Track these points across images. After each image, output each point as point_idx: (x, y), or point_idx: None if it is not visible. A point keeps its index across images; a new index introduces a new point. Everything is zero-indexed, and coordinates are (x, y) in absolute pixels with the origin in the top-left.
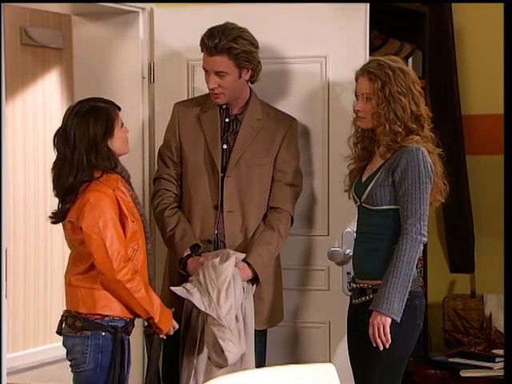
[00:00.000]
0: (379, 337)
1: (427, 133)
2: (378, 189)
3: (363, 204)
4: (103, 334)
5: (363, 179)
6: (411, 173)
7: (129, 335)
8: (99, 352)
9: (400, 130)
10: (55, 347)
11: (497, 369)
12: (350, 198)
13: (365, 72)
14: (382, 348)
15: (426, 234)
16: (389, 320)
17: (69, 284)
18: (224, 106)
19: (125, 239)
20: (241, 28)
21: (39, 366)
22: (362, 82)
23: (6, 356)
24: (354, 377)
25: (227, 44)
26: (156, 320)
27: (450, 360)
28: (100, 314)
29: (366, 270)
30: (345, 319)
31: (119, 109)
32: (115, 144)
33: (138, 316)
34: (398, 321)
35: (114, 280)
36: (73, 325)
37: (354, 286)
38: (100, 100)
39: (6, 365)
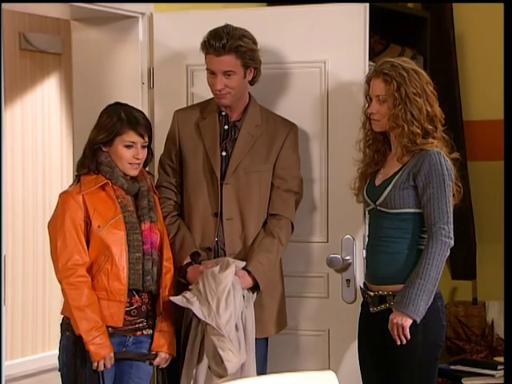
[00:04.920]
0: (398, 334)
1: (440, 134)
2: (398, 192)
3: (378, 207)
4: (67, 334)
5: (377, 183)
6: (436, 177)
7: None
8: (64, 352)
9: (418, 131)
10: (54, 354)
11: (499, 376)
12: (358, 201)
13: (379, 74)
14: (399, 343)
15: (452, 237)
16: (410, 321)
17: None
18: (223, 113)
19: (83, 243)
20: (241, 28)
21: (38, 373)
22: (376, 84)
23: (4, 363)
24: None
25: (235, 43)
26: (84, 341)
27: (452, 367)
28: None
29: (384, 274)
30: (345, 327)
31: (141, 133)
32: (113, 157)
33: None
34: (418, 322)
35: (58, 279)
36: None
37: (371, 293)
38: (131, 112)
39: (4, 372)
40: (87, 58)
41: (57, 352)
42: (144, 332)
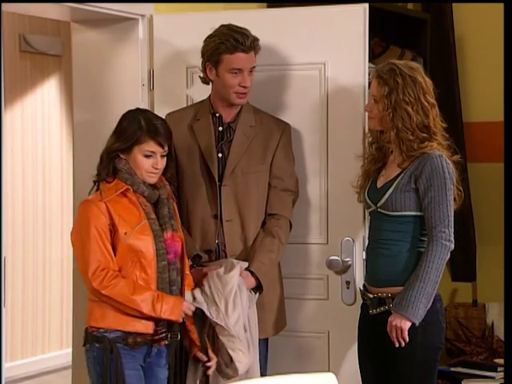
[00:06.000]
0: (396, 337)
1: (441, 141)
2: (399, 194)
3: (379, 209)
4: (97, 345)
5: (379, 185)
6: (437, 180)
7: (131, 347)
8: (97, 364)
9: (412, 137)
10: (54, 356)
11: (499, 378)
12: (359, 200)
13: (376, 74)
14: (397, 345)
15: (453, 240)
16: (409, 324)
17: None
18: (217, 114)
19: (110, 250)
20: None
21: (38, 375)
22: (372, 84)
23: (4, 365)
24: None
25: (256, 39)
26: (155, 316)
27: (452, 369)
28: (95, 326)
29: (383, 276)
30: (344, 328)
31: (161, 143)
32: (131, 165)
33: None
34: (417, 325)
35: (92, 289)
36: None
37: (371, 296)
38: (151, 120)
39: (4, 374)
40: (87, 60)
41: (57, 354)
42: (166, 342)
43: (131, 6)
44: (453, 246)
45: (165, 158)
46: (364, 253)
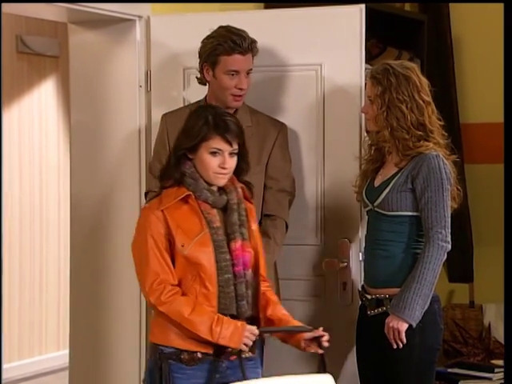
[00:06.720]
0: (394, 338)
1: (438, 139)
2: (395, 194)
3: (376, 209)
4: (152, 357)
5: (376, 184)
6: (434, 180)
7: (186, 364)
8: (148, 376)
9: (407, 136)
10: (51, 357)
11: (496, 379)
12: (357, 199)
13: (370, 75)
14: (395, 347)
15: (450, 241)
16: (405, 326)
17: None
18: None
19: (168, 261)
20: None
21: (35, 376)
22: (368, 85)
23: (3, 366)
24: None
25: (254, 41)
26: (216, 338)
27: (449, 370)
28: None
29: (381, 277)
30: (341, 330)
31: (228, 140)
32: (198, 166)
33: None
34: (414, 326)
35: (150, 304)
36: None
37: (369, 297)
38: (220, 115)
39: (2, 375)
40: (84, 61)
41: (54, 355)
42: (242, 355)
43: (128, 7)
44: (449, 246)
45: (234, 158)
46: (361, 254)
